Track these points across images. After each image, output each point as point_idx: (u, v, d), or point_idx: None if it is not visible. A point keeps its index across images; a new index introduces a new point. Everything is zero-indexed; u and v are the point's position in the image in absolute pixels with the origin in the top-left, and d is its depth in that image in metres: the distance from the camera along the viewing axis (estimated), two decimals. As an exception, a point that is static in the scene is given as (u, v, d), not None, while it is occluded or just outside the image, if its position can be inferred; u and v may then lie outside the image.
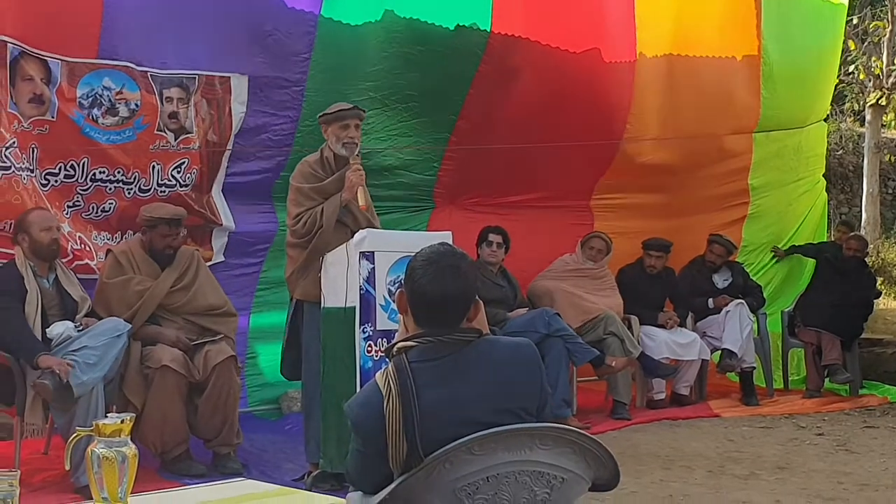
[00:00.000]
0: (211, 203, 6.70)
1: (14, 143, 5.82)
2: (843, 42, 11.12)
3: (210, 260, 6.62)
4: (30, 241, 5.36)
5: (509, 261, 7.60)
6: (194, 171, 6.59)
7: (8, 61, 5.82)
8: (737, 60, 8.87)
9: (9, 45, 5.82)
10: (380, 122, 7.19)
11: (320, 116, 5.51)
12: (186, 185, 6.56)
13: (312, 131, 6.52)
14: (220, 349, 5.57)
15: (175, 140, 6.49)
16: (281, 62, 6.73)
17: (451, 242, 3.04)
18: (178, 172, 6.52)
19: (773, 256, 9.56)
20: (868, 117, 13.15)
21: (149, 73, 6.34)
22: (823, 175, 10.34)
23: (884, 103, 12.73)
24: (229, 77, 6.64)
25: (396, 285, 4.93)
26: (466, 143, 7.66)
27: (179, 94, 6.48)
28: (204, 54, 6.55)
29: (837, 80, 11.41)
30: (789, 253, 9.54)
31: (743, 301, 8.37)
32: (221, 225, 6.75)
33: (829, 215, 10.71)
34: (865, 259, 9.21)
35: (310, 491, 4.77)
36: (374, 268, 4.99)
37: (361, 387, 4.53)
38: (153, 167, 6.42)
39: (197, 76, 6.54)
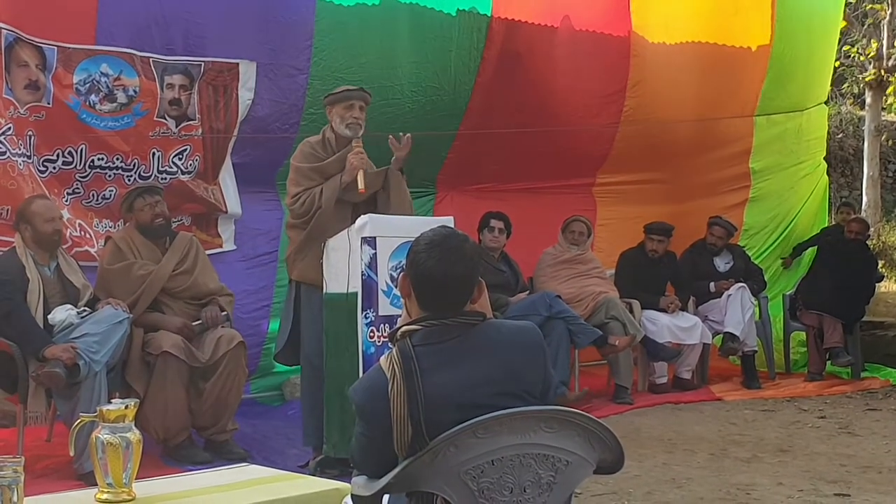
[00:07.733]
0: (216, 190, 6.67)
1: (10, 128, 5.80)
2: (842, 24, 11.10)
3: (220, 247, 6.60)
4: (32, 231, 5.32)
5: (512, 246, 7.59)
6: (197, 158, 6.56)
7: (3, 47, 5.81)
8: (752, 51, 8.86)
9: (3, 31, 5.80)
10: (387, 109, 7.07)
11: (326, 97, 5.50)
12: (189, 172, 6.54)
13: (316, 119, 6.46)
14: (232, 335, 5.55)
15: (176, 127, 6.47)
16: (284, 50, 6.68)
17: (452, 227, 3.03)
18: (180, 160, 6.49)
19: (783, 265, 9.64)
20: (868, 100, 13.11)
21: (151, 60, 6.31)
22: (824, 158, 10.33)
23: (872, 81, 12.70)
24: (237, 63, 6.60)
25: (398, 270, 4.91)
26: (473, 130, 7.63)
27: (182, 80, 6.44)
28: (208, 41, 6.49)
29: (837, 63, 11.37)
30: (795, 255, 9.62)
31: (744, 284, 8.35)
32: (225, 212, 6.73)
33: (829, 198, 10.70)
34: (867, 242, 9.20)
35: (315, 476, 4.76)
36: (375, 253, 4.97)
37: (364, 372, 4.53)
38: (153, 154, 6.40)
39: (203, 63, 6.49)
